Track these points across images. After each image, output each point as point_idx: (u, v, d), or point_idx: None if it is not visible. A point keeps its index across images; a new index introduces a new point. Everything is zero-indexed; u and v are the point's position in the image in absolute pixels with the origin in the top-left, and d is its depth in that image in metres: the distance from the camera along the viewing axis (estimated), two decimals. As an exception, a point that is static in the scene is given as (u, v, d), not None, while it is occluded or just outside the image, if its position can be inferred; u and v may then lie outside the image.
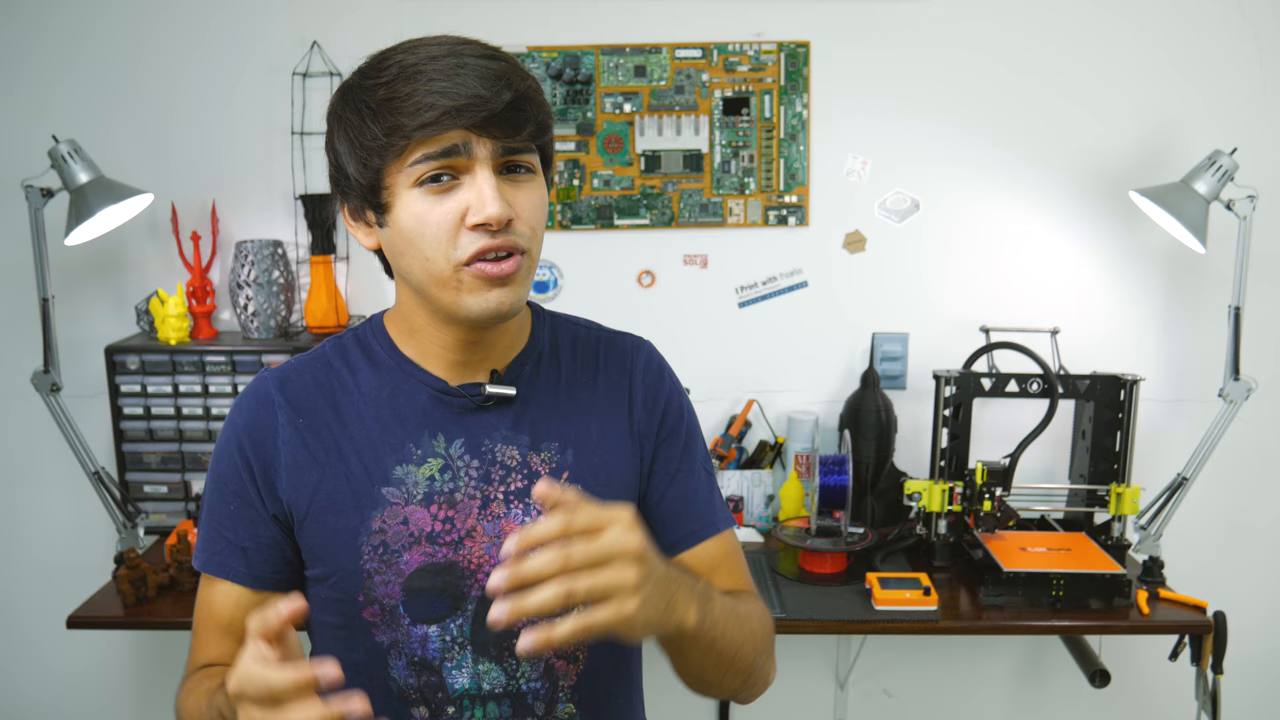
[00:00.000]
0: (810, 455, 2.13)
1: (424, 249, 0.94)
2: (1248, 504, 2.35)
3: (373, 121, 0.93)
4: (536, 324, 1.10)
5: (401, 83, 0.92)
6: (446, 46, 0.94)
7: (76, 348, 2.23)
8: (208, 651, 1.05)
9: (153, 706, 2.47)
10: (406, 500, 1.00)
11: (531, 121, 0.94)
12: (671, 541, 1.07)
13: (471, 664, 1.00)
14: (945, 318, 2.30)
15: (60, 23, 2.20)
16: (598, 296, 2.29)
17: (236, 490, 1.03)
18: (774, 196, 2.27)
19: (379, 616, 1.00)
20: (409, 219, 0.94)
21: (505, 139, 0.93)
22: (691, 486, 1.09)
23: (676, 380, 1.14)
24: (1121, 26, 2.20)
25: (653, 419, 1.09)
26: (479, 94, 0.90)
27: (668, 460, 1.09)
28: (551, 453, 1.03)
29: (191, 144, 2.24)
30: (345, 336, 1.09)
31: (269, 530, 1.03)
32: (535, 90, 0.96)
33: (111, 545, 2.22)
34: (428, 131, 0.91)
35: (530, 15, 2.21)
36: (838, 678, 2.44)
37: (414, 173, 0.93)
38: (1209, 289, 2.24)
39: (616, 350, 1.11)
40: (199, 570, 1.05)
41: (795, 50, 2.23)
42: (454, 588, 1.00)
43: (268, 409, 1.03)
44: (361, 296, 2.31)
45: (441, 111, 0.90)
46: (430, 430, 1.02)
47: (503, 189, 0.93)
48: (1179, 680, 2.10)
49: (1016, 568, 1.89)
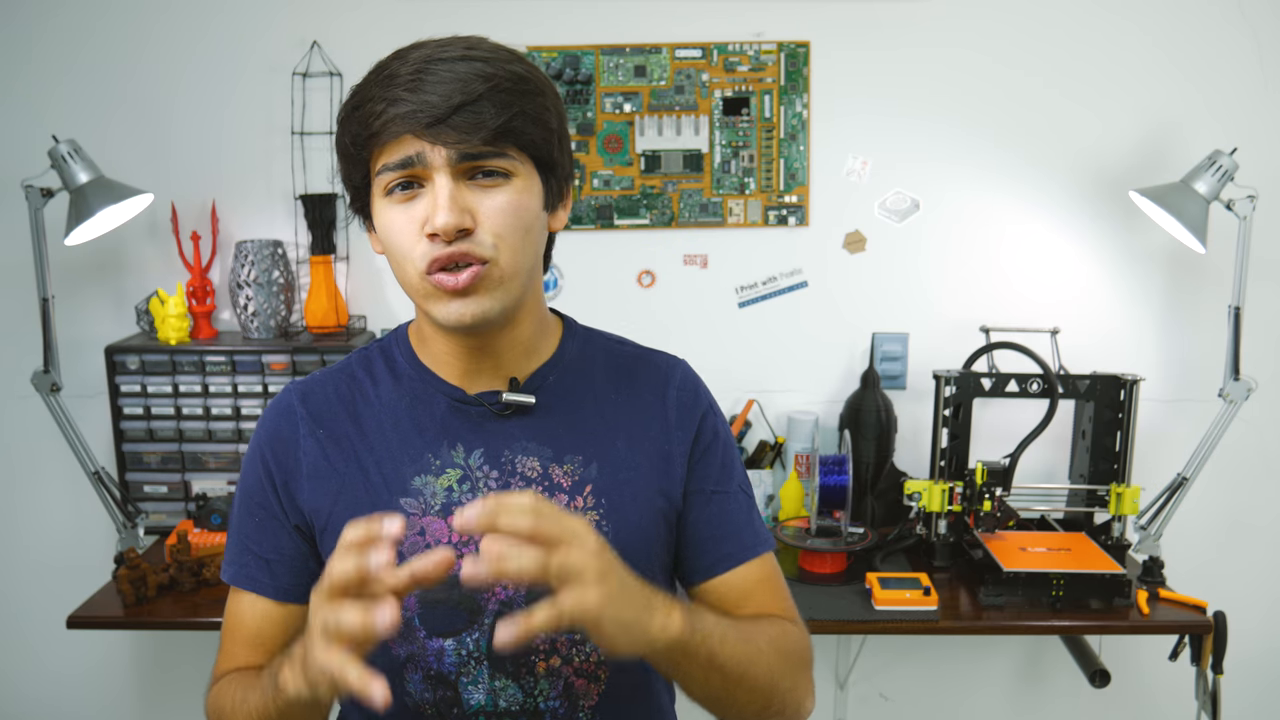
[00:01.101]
0: (810, 455, 2.13)
1: (397, 256, 0.94)
2: (1248, 504, 2.35)
3: (345, 131, 0.95)
4: (566, 336, 1.08)
5: (371, 89, 0.92)
6: (427, 50, 0.92)
7: (76, 348, 2.23)
8: (234, 662, 1.05)
9: (153, 706, 2.47)
10: (424, 511, 0.99)
11: (490, 123, 0.89)
12: (709, 564, 1.05)
13: (488, 680, 0.99)
14: (945, 318, 2.30)
15: (60, 23, 2.20)
16: (598, 296, 2.29)
17: (260, 502, 1.03)
18: (774, 196, 2.27)
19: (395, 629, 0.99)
20: (383, 228, 0.95)
21: (459, 145, 0.89)
22: (729, 509, 1.07)
23: (713, 400, 1.11)
24: (1122, 26, 2.20)
25: (686, 438, 1.06)
26: (427, 99, 0.88)
27: (703, 481, 1.06)
28: (575, 465, 1.01)
29: (191, 144, 2.24)
30: (371, 347, 1.09)
31: (292, 542, 1.03)
32: (508, 90, 0.91)
33: (111, 545, 2.22)
34: (378, 140, 0.91)
35: (530, 15, 2.21)
36: (838, 678, 2.44)
37: (381, 181, 0.93)
38: (1209, 289, 2.24)
39: (650, 368, 1.09)
40: (225, 582, 1.05)
41: (795, 50, 2.23)
42: (470, 601, 0.98)
43: (290, 420, 1.03)
44: (361, 296, 2.31)
45: (389, 119, 0.89)
46: (449, 440, 1.01)
47: (465, 196, 0.91)
48: (1179, 680, 2.10)
49: (1016, 568, 1.89)
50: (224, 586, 1.06)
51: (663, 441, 1.05)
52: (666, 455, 1.05)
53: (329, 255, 2.23)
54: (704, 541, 1.06)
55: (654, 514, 1.03)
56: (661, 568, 1.06)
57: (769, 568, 1.08)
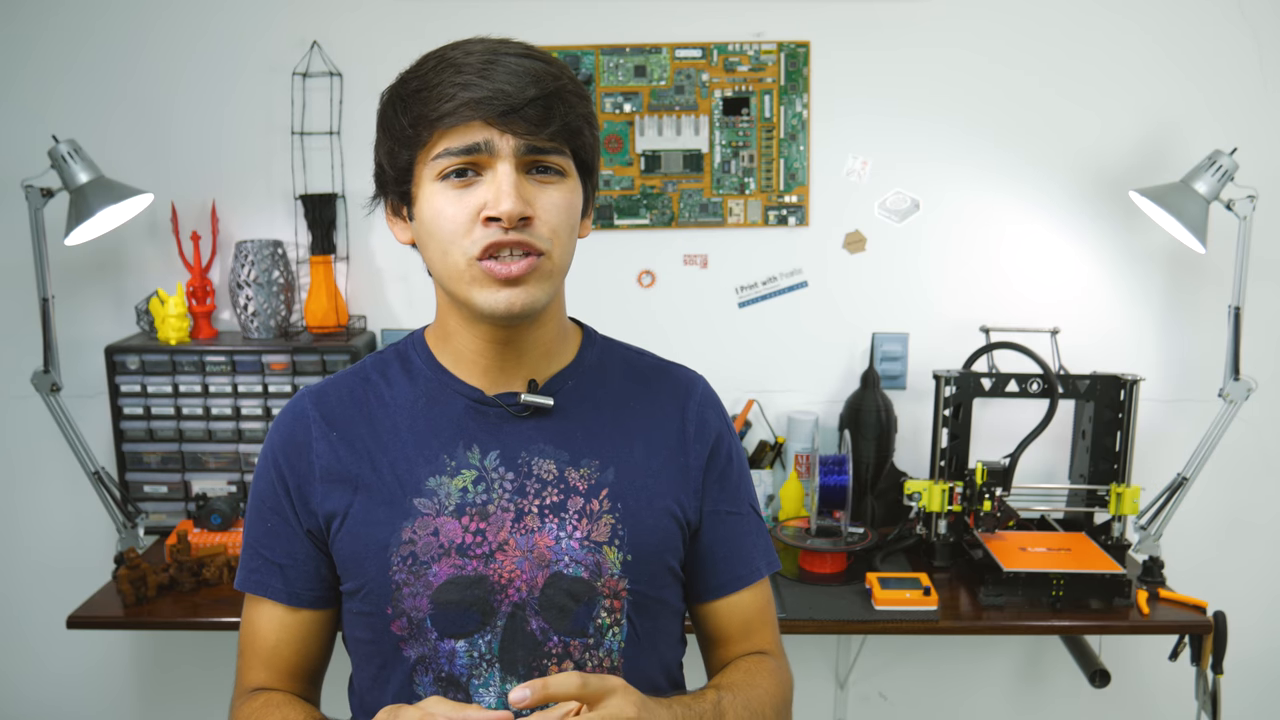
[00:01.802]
0: (810, 455, 2.13)
1: (442, 242, 0.94)
2: (1248, 504, 2.35)
3: (402, 113, 0.94)
4: (585, 344, 1.10)
5: (433, 75, 0.93)
6: (488, 44, 0.95)
7: (76, 348, 2.23)
8: (255, 675, 1.05)
9: (153, 706, 2.47)
10: (438, 511, 0.99)
11: (557, 120, 0.92)
12: (719, 584, 1.09)
13: (499, 683, 0.98)
14: (945, 318, 2.30)
15: (60, 23, 2.20)
16: (597, 296, 2.29)
17: (273, 507, 1.03)
18: (774, 196, 2.27)
19: (407, 630, 0.98)
20: (430, 212, 0.95)
21: (528, 136, 0.92)
22: (740, 530, 1.10)
23: (729, 420, 1.13)
24: (1122, 26, 2.20)
25: (703, 452, 1.07)
26: (502, 89, 0.90)
27: (718, 501, 1.08)
28: (591, 469, 1.02)
29: (191, 144, 2.24)
30: (387, 351, 1.09)
31: (304, 547, 1.03)
32: (570, 92, 0.94)
33: (111, 545, 2.22)
34: (448, 122, 0.91)
35: (530, 15, 2.21)
36: (838, 678, 2.44)
37: (437, 166, 0.93)
38: (1209, 289, 2.24)
39: (670, 380, 1.11)
40: (239, 590, 1.06)
41: (795, 50, 2.23)
42: (483, 602, 0.98)
43: (302, 424, 1.04)
44: (361, 296, 2.31)
45: (462, 103, 0.90)
46: (465, 441, 1.01)
47: (525, 187, 0.93)
48: (1179, 680, 2.10)
49: (1016, 568, 1.89)
50: (224, 586, 1.07)
51: (680, 453, 1.06)
52: (683, 467, 1.06)
53: (329, 255, 2.23)
54: (717, 563, 1.08)
55: (669, 521, 1.04)
56: (674, 577, 1.07)
57: (764, 597, 1.13)
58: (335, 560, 1.02)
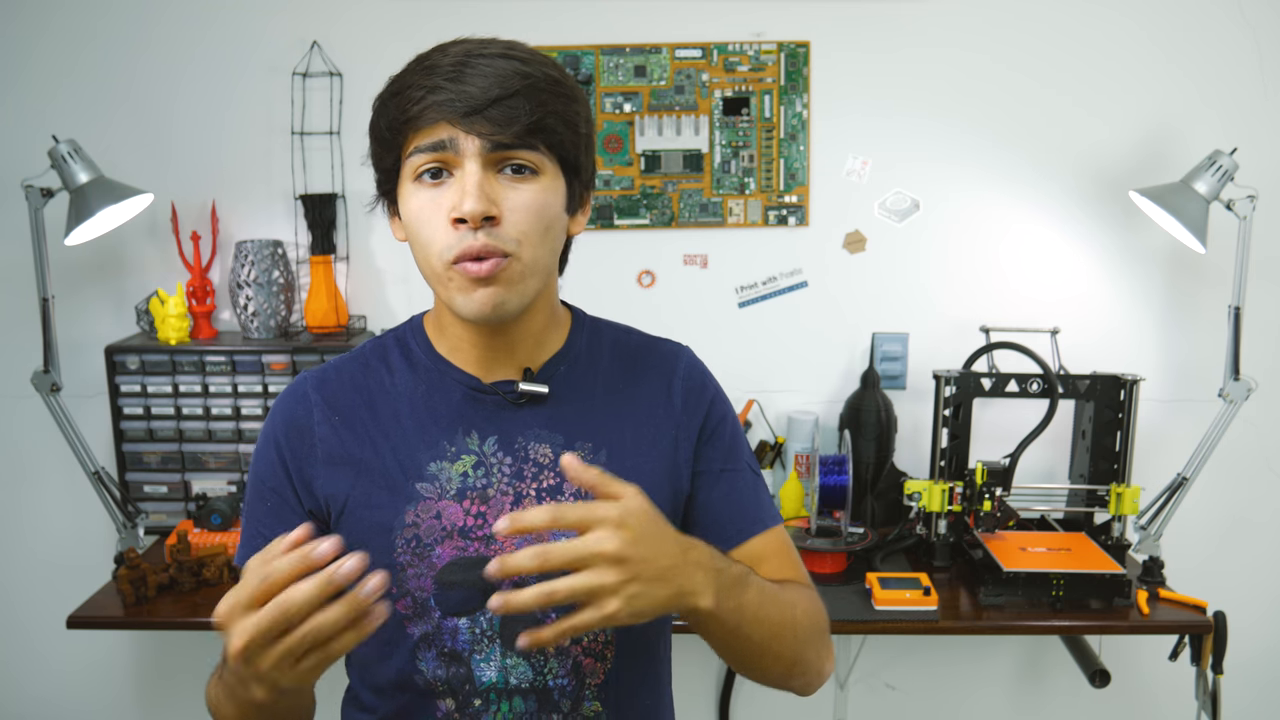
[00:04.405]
0: (810, 455, 2.13)
1: (423, 244, 0.97)
2: (1248, 504, 2.35)
3: (382, 115, 0.98)
4: (575, 328, 1.12)
5: (410, 77, 0.95)
6: (467, 46, 0.96)
7: (76, 348, 2.23)
8: None
9: (153, 706, 2.47)
10: (440, 495, 1.01)
11: (523, 118, 0.93)
12: (718, 540, 1.07)
13: (499, 657, 1.01)
14: (945, 318, 2.30)
15: (60, 23, 2.20)
16: (597, 296, 2.27)
17: (274, 487, 1.05)
18: (774, 196, 2.27)
19: (411, 609, 1.01)
20: (409, 212, 0.98)
21: (491, 135, 0.93)
22: (738, 486, 1.10)
23: (719, 386, 1.14)
24: (1122, 26, 2.20)
25: (693, 423, 1.09)
26: (467, 90, 0.92)
27: (711, 460, 1.09)
28: (585, 453, 1.04)
29: (191, 144, 2.24)
30: (386, 337, 1.11)
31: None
32: (543, 89, 0.94)
33: (111, 545, 2.22)
34: (415, 124, 0.94)
35: (530, 15, 2.21)
36: (838, 677, 2.44)
37: (412, 165, 0.96)
38: (1209, 289, 2.24)
39: (656, 355, 1.12)
40: (238, 566, 1.06)
41: (795, 50, 2.23)
42: (485, 581, 1.00)
43: (304, 407, 1.05)
44: (361, 296, 2.31)
45: (428, 105, 0.93)
46: (464, 427, 1.03)
47: (494, 187, 0.94)
48: (1179, 680, 2.10)
49: (1016, 568, 1.89)
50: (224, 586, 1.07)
51: (669, 427, 1.08)
52: (673, 441, 1.08)
53: (329, 255, 2.23)
54: (717, 519, 1.08)
55: (660, 499, 1.05)
56: None
57: (780, 540, 1.10)
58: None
